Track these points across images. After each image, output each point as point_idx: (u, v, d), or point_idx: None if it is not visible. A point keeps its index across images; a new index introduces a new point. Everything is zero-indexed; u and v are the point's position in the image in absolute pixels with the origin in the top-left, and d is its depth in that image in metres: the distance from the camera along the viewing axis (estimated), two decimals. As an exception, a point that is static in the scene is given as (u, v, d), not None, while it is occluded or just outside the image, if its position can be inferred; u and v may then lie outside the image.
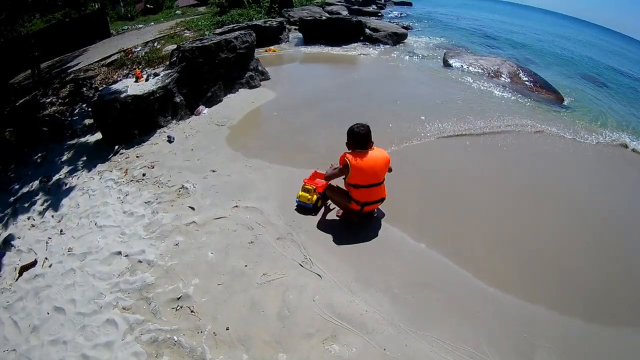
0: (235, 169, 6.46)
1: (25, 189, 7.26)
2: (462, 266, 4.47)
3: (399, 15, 38.23)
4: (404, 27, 24.16)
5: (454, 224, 5.19)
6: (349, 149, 4.71)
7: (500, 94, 11.46)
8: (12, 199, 7.04)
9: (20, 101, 12.15)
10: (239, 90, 10.66)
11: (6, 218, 6.44)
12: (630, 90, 18.24)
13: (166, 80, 8.83)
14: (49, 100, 11.74)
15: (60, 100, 11.61)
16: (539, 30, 46.93)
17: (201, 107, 9.26)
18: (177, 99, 8.94)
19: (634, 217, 6.10)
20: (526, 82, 13.13)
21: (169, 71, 9.34)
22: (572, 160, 7.86)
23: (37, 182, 7.35)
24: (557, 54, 26.25)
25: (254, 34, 11.66)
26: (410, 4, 60.18)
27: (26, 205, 6.66)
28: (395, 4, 57.90)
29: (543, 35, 39.34)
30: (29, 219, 6.26)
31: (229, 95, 10.27)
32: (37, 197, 6.82)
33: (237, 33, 11.14)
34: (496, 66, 14.10)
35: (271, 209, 5.32)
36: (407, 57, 16.21)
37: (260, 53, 15.39)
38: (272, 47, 17.30)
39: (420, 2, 70.29)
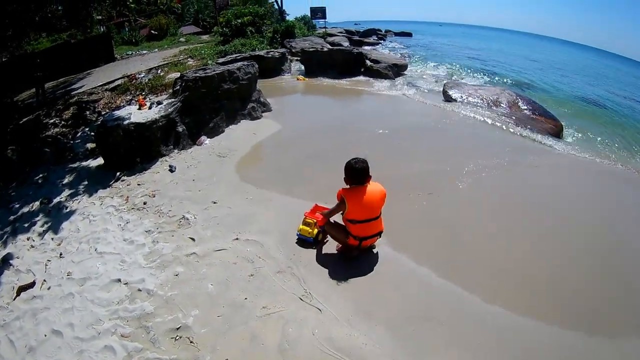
0: (236, 201, 6.54)
1: (25, 209, 7.33)
2: (463, 296, 4.51)
3: (399, 46, 39.19)
4: (404, 58, 24.85)
5: (454, 254, 5.23)
6: (346, 184, 4.80)
7: (499, 125, 11.58)
8: (12, 217, 7.10)
9: (24, 119, 12.28)
10: (241, 121, 10.81)
11: (5, 236, 6.51)
12: (629, 109, 19.23)
13: (169, 109, 8.98)
14: (52, 121, 11.87)
15: (63, 122, 11.75)
16: (535, 57, 48.01)
17: (203, 138, 9.39)
18: (180, 129, 9.06)
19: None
20: (525, 111, 13.27)
21: (172, 100, 9.51)
22: (572, 186, 7.98)
23: (37, 202, 7.42)
24: (555, 79, 27.10)
25: (256, 65, 11.84)
26: (410, 35, 61.80)
27: (26, 225, 6.72)
28: (396, 34, 59.49)
29: (540, 62, 40.49)
30: (28, 239, 6.31)
31: (230, 127, 10.40)
32: (37, 218, 6.88)
33: (239, 64, 11.30)
34: (495, 96, 14.28)
35: (272, 242, 5.37)
36: (408, 89, 16.47)
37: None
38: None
39: (419, 33, 72.10)
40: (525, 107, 13.56)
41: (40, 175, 8.62)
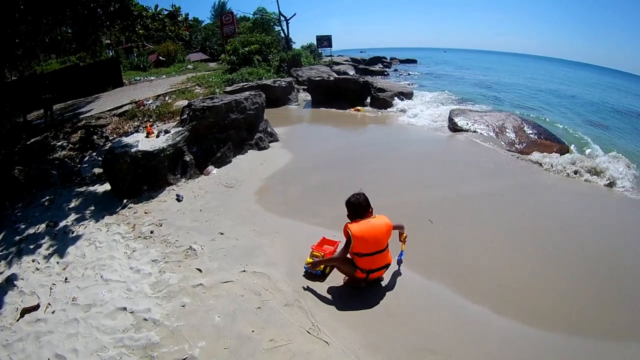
0: (243, 233, 6.57)
1: (31, 230, 7.38)
2: (470, 328, 4.51)
3: (405, 74, 39.83)
4: (409, 86, 25.26)
5: (463, 286, 5.24)
6: (350, 220, 4.89)
7: (504, 151, 11.66)
8: (17, 237, 7.15)
9: (32, 140, 12.40)
10: (248, 151, 10.93)
11: (10, 256, 6.55)
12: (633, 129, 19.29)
13: (176, 138, 9.07)
14: (59, 143, 12.00)
15: (70, 145, 11.87)
16: (539, 78, 48.73)
17: (210, 168, 9.50)
18: (187, 158, 9.17)
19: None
20: (531, 136, 13.27)
21: (180, 129, 9.59)
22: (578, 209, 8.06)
23: (43, 225, 7.47)
24: (559, 102, 27.26)
25: (263, 95, 12.02)
26: (415, 62, 62.93)
27: (31, 247, 6.76)
28: (401, 61, 60.41)
29: (544, 83, 40.87)
30: (33, 261, 6.34)
31: (238, 157, 10.51)
32: (43, 241, 6.92)
33: (247, 94, 11.48)
34: (501, 121, 14.29)
35: (279, 275, 5.39)
36: (413, 117, 16.64)
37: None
38: (359, 107, 18.36)
39: (424, 59, 73.22)
40: (531, 132, 13.59)
41: (47, 198, 8.70)
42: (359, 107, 18.54)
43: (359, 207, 4.85)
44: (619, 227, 7.25)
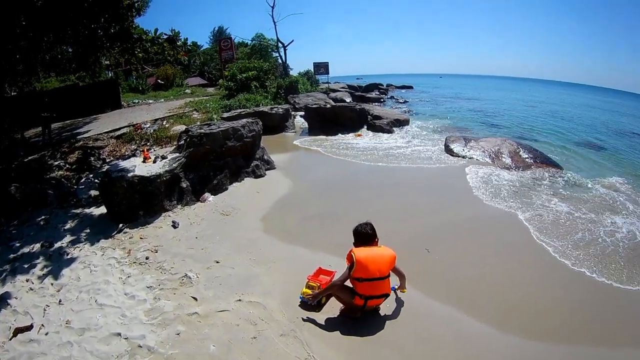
0: (239, 262, 6.59)
1: (26, 249, 7.42)
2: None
3: (401, 100, 40.25)
4: (405, 113, 25.67)
5: (460, 314, 5.29)
6: (355, 246, 5.03)
7: (501, 177, 11.80)
8: (11, 255, 7.19)
9: (29, 158, 12.45)
10: (245, 179, 10.95)
11: (4, 274, 6.56)
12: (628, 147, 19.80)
13: (173, 165, 9.16)
14: (56, 163, 12.09)
15: (67, 166, 11.96)
16: (533, 101, 49.45)
17: (207, 195, 9.55)
18: (184, 184, 9.23)
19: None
20: (526, 160, 13.51)
21: (176, 155, 9.70)
22: None
23: (38, 245, 7.51)
24: (555, 123, 27.71)
25: (260, 123, 12.09)
26: (411, 88, 63.93)
27: (26, 266, 6.79)
28: (397, 87, 61.13)
29: (538, 106, 41.66)
30: (27, 281, 6.36)
31: (234, 184, 10.54)
32: (38, 261, 6.94)
33: (244, 121, 11.54)
34: (496, 147, 14.50)
35: (275, 305, 5.40)
36: (410, 145, 16.83)
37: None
38: (358, 132, 18.82)
39: (421, 85, 74.16)
40: (527, 156, 13.84)
41: (43, 217, 8.74)
42: (360, 133, 18.92)
43: (365, 236, 5.00)
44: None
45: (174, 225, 8.04)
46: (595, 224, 8.35)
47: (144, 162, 9.31)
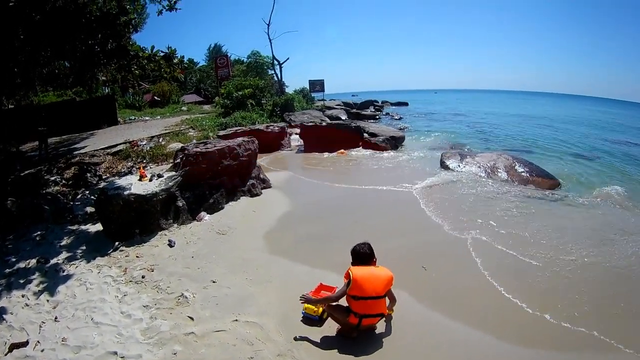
0: (235, 281, 6.60)
1: (21, 264, 7.44)
2: None
3: (397, 117, 40.62)
4: (401, 129, 25.90)
5: (457, 335, 5.26)
6: (353, 266, 5.08)
7: (496, 191, 11.97)
8: (7, 270, 7.20)
9: (25, 172, 12.47)
10: (241, 198, 10.94)
11: (0, 289, 6.58)
12: (623, 157, 20.23)
13: (169, 183, 9.16)
14: (52, 178, 12.11)
15: (64, 181, 12.00)
16: (527, 114, 50.36)
17: (203, 214, 9.56)
18: (180, 203, 9.24)
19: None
20: (522, 174, 13.61)
21: (173, 174, 9.73)
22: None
23: (34, 260, 7.52)
24: (551, 136, 28.24)
25: (256, 142, 12.11)
26: (406, 104, 64.61)
27: (22, 281, 6.80)
28: (392, 104, 61.77)
29: (532, 119, 42.31)
30: (23, 296, 6.37)
31: (230, 203, 10.53)
32: (34, 277, 6.95)
33: (240, 140, 11.58)
34: (492, 162, 14.57)
35: (271, 325, 5.38)
36: (406, 162, 16.90)
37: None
38: (342, 151, 18.71)
39: (416, 102, 74.86)
40: (522, 170, 13.94)
41: (39, 233, 8.77)
42: (343, 150, 18.91)
43: (363, 255, 5.07)
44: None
45: (170, 244, 8.05)
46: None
47: (140, 180, 9.31)
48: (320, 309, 5.40)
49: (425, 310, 5.78)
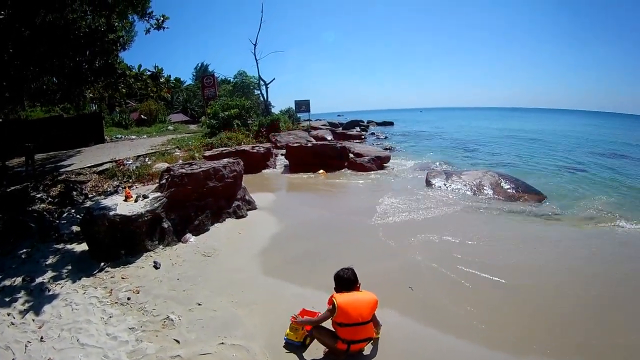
0: (221, 304, 6.62)
1: (7, 282, 7.47)
2: None
3: (382, 137, 40.73)
4: (386, 149, 26.20)
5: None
6: (336, 291, 5.14)
7: (483, 209, 12.23)
8: (-8, 286, 7.17)
9: (12, 188, 12.48)
10: (226, 219, 10.97)
11: (-15, 307, 6.56)
12: (607, 170, 20.56)
13: (155, 205, 9.21)
14: (39, 195, 12.11)
15: (50, 199, 12.00)
16: (511, 129, 51.50)
17: (188, 235, 9.59)
18: (165, 225, 9.29)
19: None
20: (508, 190, 13.85)
21: (158, 195, 9.76)
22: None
23: (20, 279, 7.54)
24: (536, 152, 28.60)
25: (241, 163, 12.17)
26: (392, 124, 64.90)
27: (7, 299, 6.83)
28: (378, 124, 62.39)
29: (517, 135, 42.85)
30: (8, 315, 6.39)
31: (216, 225, 10.55)
32: (19, 295, 6.98)
33: (225, 161, 11.65)
34: (478, 179, 14.77)
35: (257, 348, 5.40)
36: (391, 181, 17.11)
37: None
38: (322, 171, 18.91)
39: (401, 121, 75.45)
40: (508, 186, 14.17)
41: (25, 251, 8.80)
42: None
43: (346, 281, 5.12)
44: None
45: (156, 265, 8.08)
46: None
47: (125, 200, 9.35)
48: (302, 335, 5.42)
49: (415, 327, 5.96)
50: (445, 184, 15.07)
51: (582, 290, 7.09)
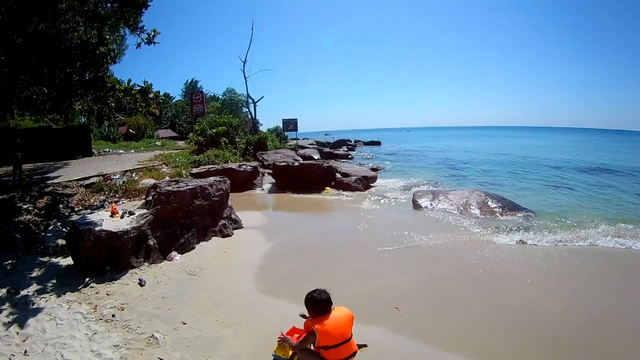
0: (206, 323, 6.63)
1: (-9, 293, 7.41)
2: None
3: (369, 156, 41.29)
4: (373, 169, 26.20)
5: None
6: (309, 316, 5.01)
7: (468, 228, 12.44)
8: (-24, 297, 7.15)
9: (-2, 197, 12.41)
10: (212, 238, 11.01)
11: (-31, 318, 6.55)
12: (594, 187, 21.10)
13: (141, 221, 9.24)
14: (25, 206, 12.10)
15: (36, 210, 11.99)
16: (498, 148, 53.02)
17: (174, 253, 9.61)
18: (151, 242, 9.31)
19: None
20: (495, 209, 14.08)
21: (144, 212, 9.79)
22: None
23: (4, 290, 7.53)
24: (520, 168, 29.55)
25: (228, 182, 12.28)
26: (379, 144, 65.43)
27: (-9, 311, 6.79)
28: (365, 144, 62.97)
29: (505, 154, 43.75)
30: (-7, 326, 6.35)
31: (201, 243, 10.57)
32: (4, 307, 6.96)
33: (212, 179, 11.72)
34: (465, 199, 14.96)
35: None
36: (377, 202, 17.15)
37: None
38: (327, 188, 19.22)
39: (388, 140, 76.11)
40: (495, 205, 14.41)
41: (9, 262, 8.79)
42: (327, 188, 19.40)
43: (323, 303, 4.88)
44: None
45: (141, 283, 8.10)
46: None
47: (111, 216, 9.37)
48: (290, 353, 5.37)
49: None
50: (432, 204, 15.20)
51: (570, 309, 7.29)
